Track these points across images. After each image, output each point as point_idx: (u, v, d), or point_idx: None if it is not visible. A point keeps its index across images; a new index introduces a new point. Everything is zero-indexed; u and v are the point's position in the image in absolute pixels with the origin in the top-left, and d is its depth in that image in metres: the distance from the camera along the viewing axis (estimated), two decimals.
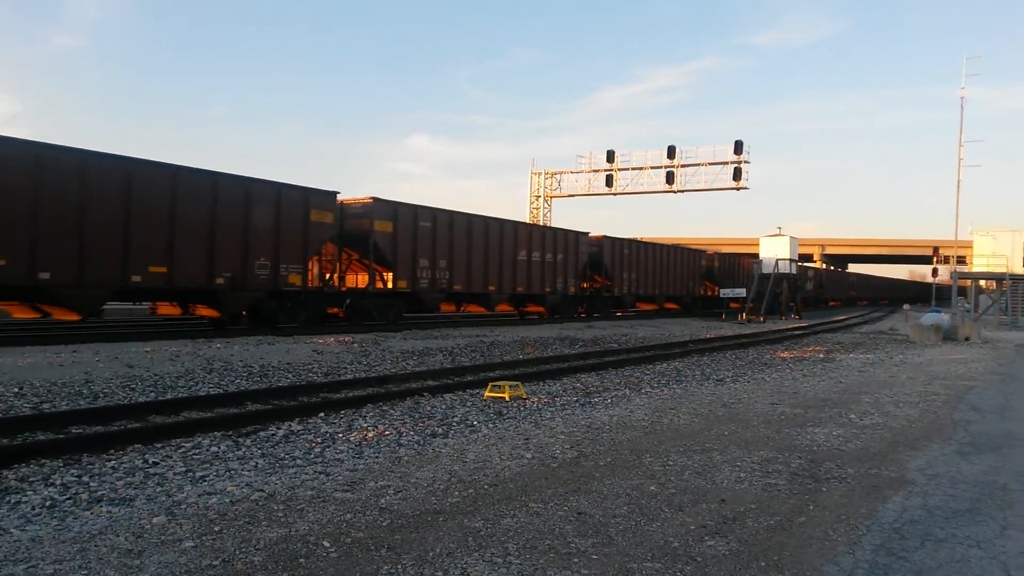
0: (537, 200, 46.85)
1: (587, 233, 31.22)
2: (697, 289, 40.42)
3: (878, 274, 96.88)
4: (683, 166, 42.22)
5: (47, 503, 4.85)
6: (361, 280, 22.13)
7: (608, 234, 32.27)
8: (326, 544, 4.00)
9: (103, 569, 3.61)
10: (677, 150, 42.15)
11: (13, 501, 4.87)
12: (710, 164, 41.68)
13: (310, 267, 19.86)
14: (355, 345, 15.82)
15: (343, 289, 21.80)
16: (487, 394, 9.74)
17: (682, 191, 42.66)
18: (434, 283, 23.25)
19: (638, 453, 6.31)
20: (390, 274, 21.92)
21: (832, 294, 61.81)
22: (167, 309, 18.23)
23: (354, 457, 6.27)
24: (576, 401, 9.67)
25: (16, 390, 9.13)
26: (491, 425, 7.85)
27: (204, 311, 18.12)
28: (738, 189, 41.06)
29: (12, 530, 4.29)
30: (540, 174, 47.06)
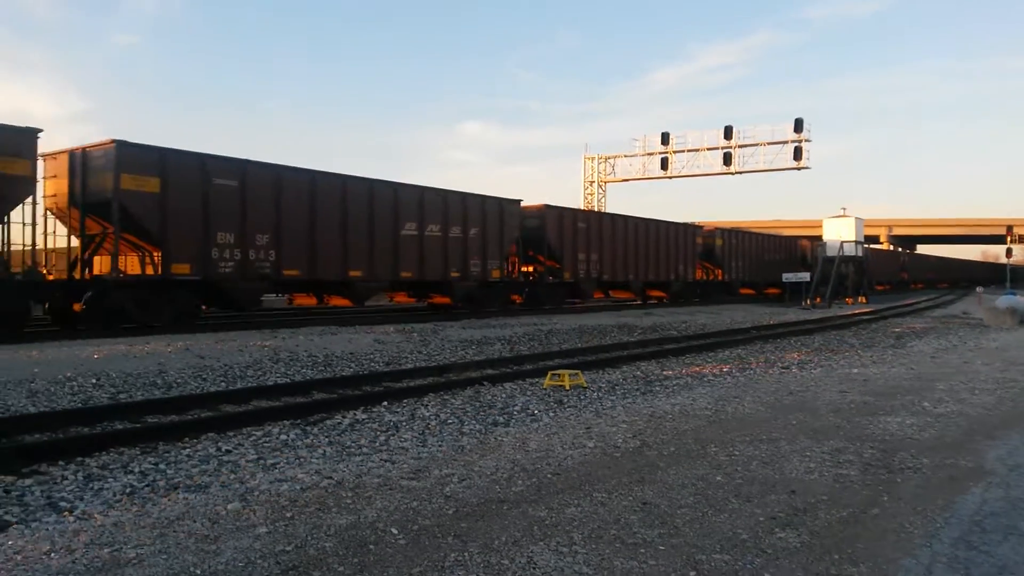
0: (591, 185, 46.52)
1: (518, 201, 24.58)
2: (691, 273, 33.76)
3: (943, 255, 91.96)
4: (741, 146, 41.30)
5: (127, 489, 5.06)
6: (129, 264, 15.84)
7: (550, 203, 25.64)
8: (394, 531, 4.06)
9: (182, 554, 3.74)
10: (734, 130, 41.24)
11: (96, 488, 5.10)
12: (769, 144, 40.70)
13: None
14: (415, 335, 16.11)
15: (87, 277, 15.78)
16: (547, 383, 9.74)
17: (740, 172, 41.76)
18: (247, 268, 16.84)
19: (702, 443, 6.22)
20: (160, 254, 15.63)
21: (879, 277, 56.92)
22: None
23: (418, 445, 6.35)
24: (637, 390, 9.59)
25: (94, 381, 9.54)
26: (552, 414, 7.86)
27: None
28: (799, 169, 40.06)
29: (96, 515, 4.49)
30: (594, 159, 46.66)
